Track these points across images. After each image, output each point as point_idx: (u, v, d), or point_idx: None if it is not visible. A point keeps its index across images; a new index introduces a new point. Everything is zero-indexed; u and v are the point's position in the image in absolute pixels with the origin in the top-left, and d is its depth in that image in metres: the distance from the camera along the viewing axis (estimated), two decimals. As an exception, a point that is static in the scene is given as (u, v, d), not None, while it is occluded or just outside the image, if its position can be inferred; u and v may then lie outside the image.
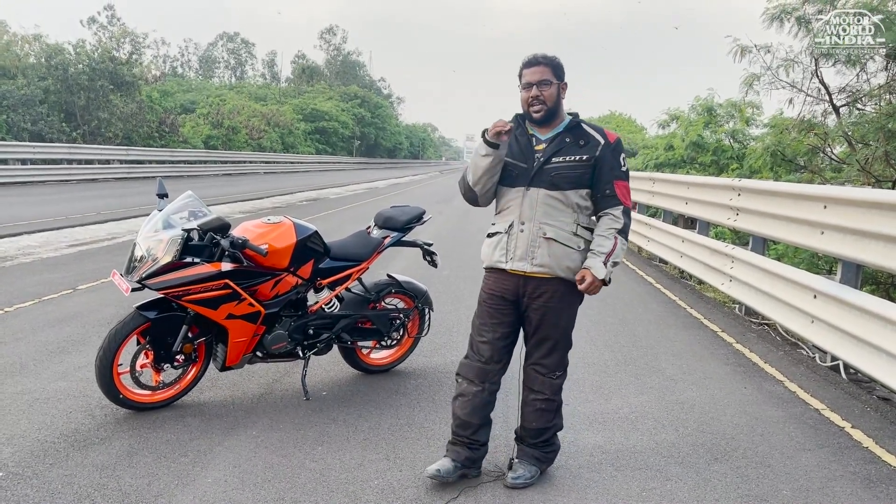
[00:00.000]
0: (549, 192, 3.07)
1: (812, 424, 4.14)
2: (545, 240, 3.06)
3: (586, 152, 3.08)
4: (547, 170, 3.07)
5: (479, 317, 3.29)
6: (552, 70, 3.09)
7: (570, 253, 3.08)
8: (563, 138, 3.11)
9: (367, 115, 78.89)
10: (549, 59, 3.11)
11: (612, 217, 3.10)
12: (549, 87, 3.08)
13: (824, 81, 10.43)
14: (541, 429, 3.27)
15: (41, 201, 17.25)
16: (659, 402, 4.41)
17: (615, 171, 3.10)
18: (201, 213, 3.99)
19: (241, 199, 20.35)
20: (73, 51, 33.55)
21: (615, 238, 3.07)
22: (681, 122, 19.73)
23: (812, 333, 5.29)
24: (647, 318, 6.79)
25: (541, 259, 3.07)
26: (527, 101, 3.11)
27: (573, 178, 3.06)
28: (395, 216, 4.70)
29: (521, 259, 3.10)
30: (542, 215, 3.07)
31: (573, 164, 3.07)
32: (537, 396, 3.24)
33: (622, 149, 3.15)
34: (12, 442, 3.51)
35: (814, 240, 5.50)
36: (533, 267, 3.08)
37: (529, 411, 3.28)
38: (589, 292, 3.09)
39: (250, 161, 44.49)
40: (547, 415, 3.26)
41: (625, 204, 3.11)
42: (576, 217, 3.10)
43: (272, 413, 4.03)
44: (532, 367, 3.26)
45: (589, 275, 3.04)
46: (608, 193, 3.09)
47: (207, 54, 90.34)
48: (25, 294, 6.79)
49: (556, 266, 3.07)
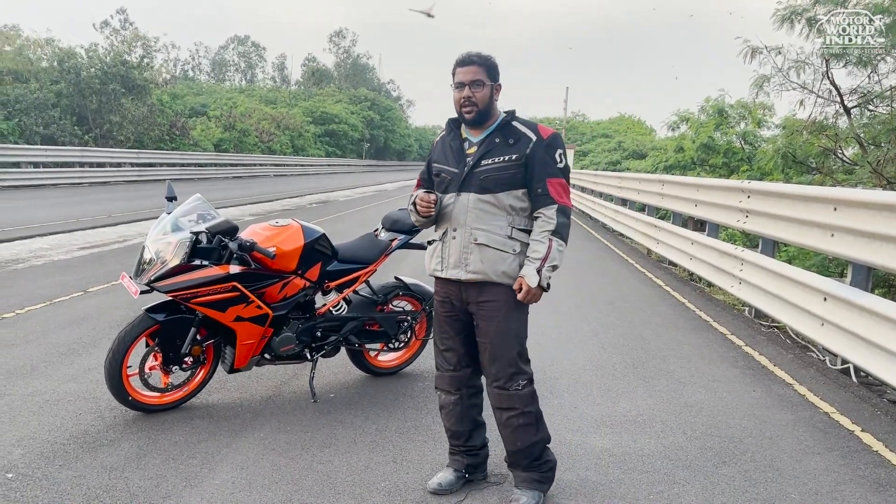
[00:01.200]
0: (479, 196, 2.96)
1: (821, 428, 4.11)
2: (477, 245, 2.96)
3: (516, 151, 2.95)
4: (476, 173, 2.96)
5: (436, 325, 3.24)
6: (486, 70, 2.98)
7: (504, 257, 2.95)
8: (493, 139, 2.99)
9: (376, 118, 79.10)
10: (483, 58, 3.00)
11: (546, 219, 2.94)
12: (481, 88, 2.95)
13: (835, 83, 10.39)
14: (528, 447, 3.06)
15: (53, 204, 17.39)
16: (667, 405, 4.40)
17: (548, 169, 2.94)
18: (210, 215, 4.01)
19: (250, 202, 20.43)
20: (86, 55, 33.79)
21: (549, 240, 2.91)
22: (691, 124, 19.67)
23: (822, 336, 5.26)
24: (655, 320, 6.77)
25: (474, 265, 2.96)
26: (458, 102, 2.98)
27: (503, 180, 2.94)
28: (402, 219, 4.70)
29: (454, 267, 3.02)
30: (473, 220, 2.97)
31: (502, 164, 2.94)
32: (511, 413, 3.03)
33: (559, 145, 3.00)
34: (22, 443, 3.54)
35: (824, 242, 5.47)
36: (467, 274, 2.98)
37: (508, 432, 3.08)
38: (528, 301, 2.96)
39: (260, 164, 44.70)
40: (529, 430, 3.05)
41: (559, 202, 2.94)
42: (510, 220, 2.98)
43: (280, 415, 4.04)
44: (494, 385, 3.06)
45: (524, 283, 2.91)
46: (540, 192, 2.94)
47: (218, 58, 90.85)
48: (37, 296, 6.85)
49: (491, 272, 2.95)
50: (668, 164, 19.08)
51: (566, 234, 2.97)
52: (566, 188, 3.00)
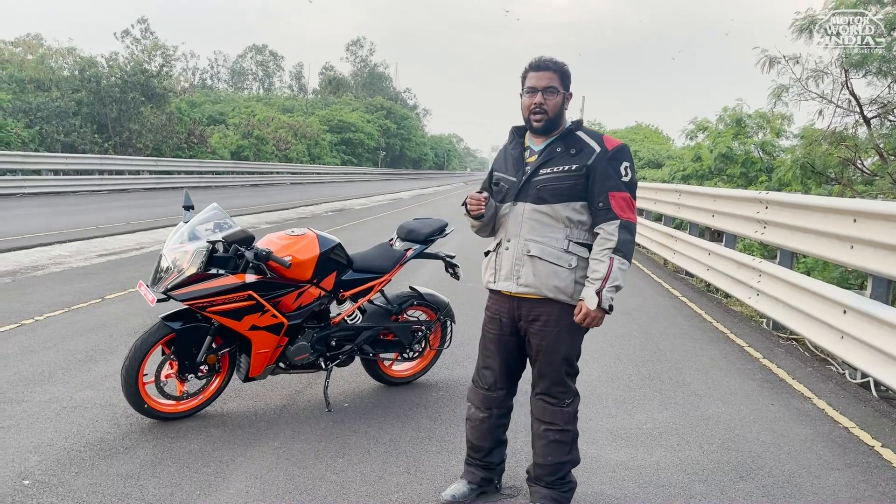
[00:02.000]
0: (535, 206, 2.86)
1: (841, 443, 4.05)
2: (529, 257, 2.86)
3: (577, 161, 2.83)
4: (534, 182, 2.87)
5: (482, 341, 3.17)
6: (560, 77, 2.87)
7: (557, 272, 2.83)
8: (555, 147, 2.89)
9: (392, 127, 79.44)
10: (558, 64, 2.87)
11: (606, 235, 2.80)
12: (554, 95, 2.85)
13: (854, 93, 10.29)
14: (557, 464, 3.00)
15: (73, 211, 17.58)
16: (683, 418, 4.35)
17: (610, 182, 2.80)
18: (226, 224, 4.03)
19: (266, 210, 20.54)
20: (106, 63, 34.21)
21: (610, 259, 2.77)
22: (709, 134, 19.55)
23: (842, 349, 5.19)
24: (672, 331, 6.72)
25: (525, 279, 2.86)
26: (528, 108, 2.88)
27: (561, 191, 2.82)
28: (417, 228, 4.71)
29: (506, 278, 2.93)
30: (527, 231, 2.87)
31: (561, 174, 2.83)
32: (550, 427, 2.98)
33: (625, 157, 2.85)
34: (39, 450, 3.57)
35: (844, 254, 5.41)
36: (518, 287, 2.88)
37: (542, 445, 3.01)
38: (588, 325, 2.83)
39: (277, 172, 44.96)
40: (562, 447, 2.99)
41: (622, 217, 2.80)
42: (567, 232, 2.86)
43: (294, 424, 4.04)
44: (539, 397, 3.02)
45: (583, 306, 2.79)
46: (601, 207, 2.81)
47: (237, 66, 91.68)
48: (56, 303, 6.91)
49: (543, 286, 2.84)
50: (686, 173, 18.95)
51: (629, 251, 2.82)
52: (630, 203, 2.84)
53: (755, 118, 17.97)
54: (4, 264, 9.09)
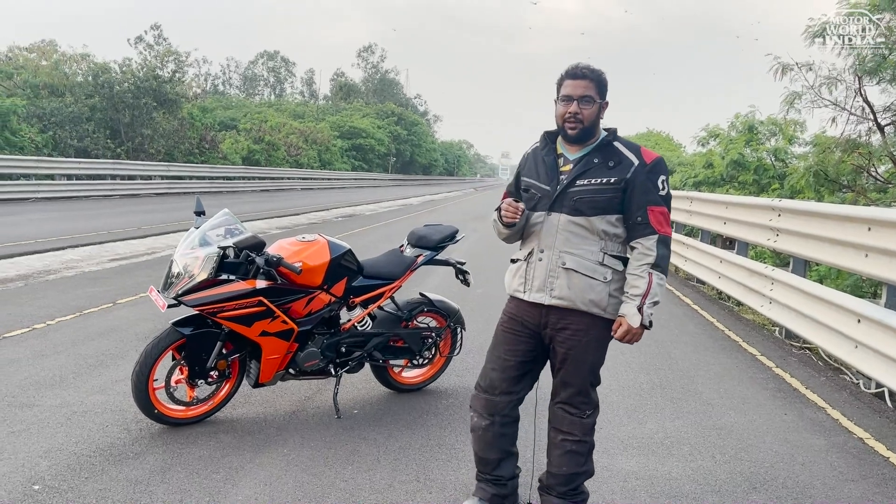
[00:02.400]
0: (571, 217, 2.79)
1: (855, 454, 4.00)
2: (564, 270, 2.80)
3: (615, 174, 2.77)
4: (570, 193, 2.79)
5: (493, 342, 3.08)
6: (597, 86, 2.79)
7: (593, 285, 2.78)
8: (592, 158, 2.82)
9: (402, 133, 79.58)
10: (595, 73, 2.80)
11: (644, 250, 2.77)
12: (590, 105, 2.78)
13: (868, 100, 10.21)
14: (571, 474, 2.95)
15: (85, 216, 17.69)
16: (695, 428, 4.31)
17: (649, 196, 2.76)
18: (237, 230, 4.03)
19: (277, 215, 20.60)
20: (119, 69, 34.48)
21: (649, 275, 2.74)
22: (720, 140, 19.47)
23: (856, 359, 5.14)
24: (683, 339, 6.67)
25: (559, 291, 2.80)
26: (563, 116, 2.81)
27: (599, 203, 2.76)
28: (428, 235, 4.70)
29: (538, 290, 2.85)
30: (562, 243, 2.80)
31: (599, 187, 2.77)
32: (567, 437, 2.94)
33: (662, 171, 2.81)
34: (50, 455, 3.57)
35: (858, 263, 5.36)
36: (552, 299, 2.81)
37: (558, 454, 2.97)
38: (628, 341, 2.79)
39: (287, 177, 45.12)
40: (578, 458, 2.95)
41: (660, 232, 2.76)
42: (602, 245, 2.80)
43: (303, 431, 4.03)
44: (559, 406, 2.97)
45: (625, 322, 2.76)
46: (639, 221, 2.76)
47: (248, 72, 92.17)
48: (67, 307, 6.94)
49: (577, 299, 2.79)
50: (697, 180, 18.86)
51: (666, 266, 2.80)
52: (667, 217, 2.81)
53: (767, 125, 17.88)
54: (17, 268, 9.15)
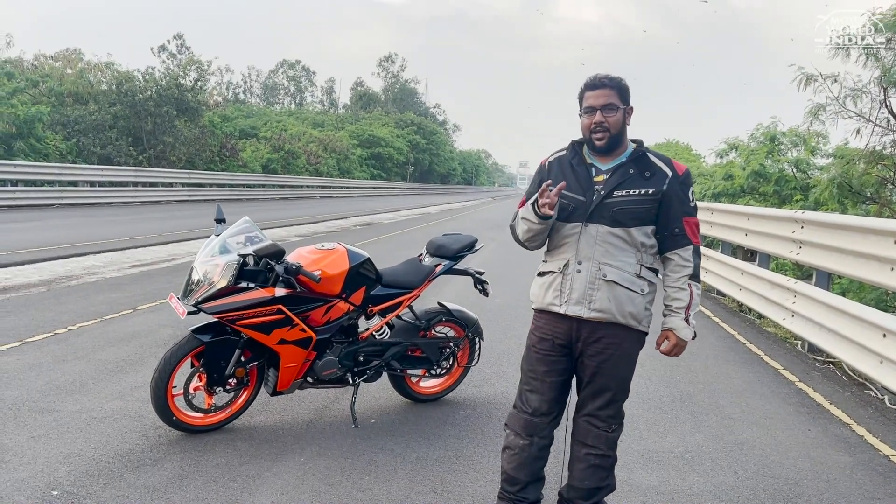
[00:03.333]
0: (611, 229, 2.75)
1: (881, 472, 3.92)
2: (606, 282, 2.75)
3: (652, 185, 2.76)
4: (608, 204, 2.76)
5: (527, 363, 3.02)
6: (618, 93, 2.78)
7: (633, 297, 2.77)
8: (627, 169, 2.79)
9: (421, 142, 79.82)
10: (614, 80, 2.79)
11: (682, 261, 2.80)
12: (614, 112, 2.76)
13: (894, 111, 10.09)
14: (593, 489, 2.94)
15: (107, 222, 17.88)
16: (717, 442, 4.25)
17: (684, 207, 2.79)
18: (257, 238, 4.04)
19: (296, 223, 20.69)
20: (143, 78, 34.90)
21: (689, 286, 2.79)
22: (741, 151, 19.32)
23: (881, 374, 5.04)
24: (704, 352, 6.59)
25: (600, 303, 2.76)
26: (588, 128, 2.79)
27: (638, 214, 2.75)
28: (446, 244, 4.68)
29: (577, 303, 2.79)
30: (602, 255, 2.76)
31: (638, 198, 2.75)
32: (591, 451, 2.91)
33: (691, 181, 2.84)
34: (69, 461, 3.58)
35: (884, 276, 5.28)
36: (591, 312, 2.77)
37: (582, 468, 2.94)
38: (674, 354, 2.85)
39: (307, 185, 45.38)
40: (601, 472, 2.93)
41: (695, 243, 2.81)
42: (639, 257, 2.79)
43: (321, 440, 4.02)
44: (585, 418, 2.94)
45: (673, 336, 2.82)
46: (677, 232, 2.78)
47: (269, 81, 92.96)
48: (89, 313, 7.00)
49: (618, 312, 2.76)
50: (717, 191, 18.71)
51: (700, 275, 2.86)
52: (699, 227, 2.87)
53: (789, 136, 17.72)
54: (40, 274, 9.25)
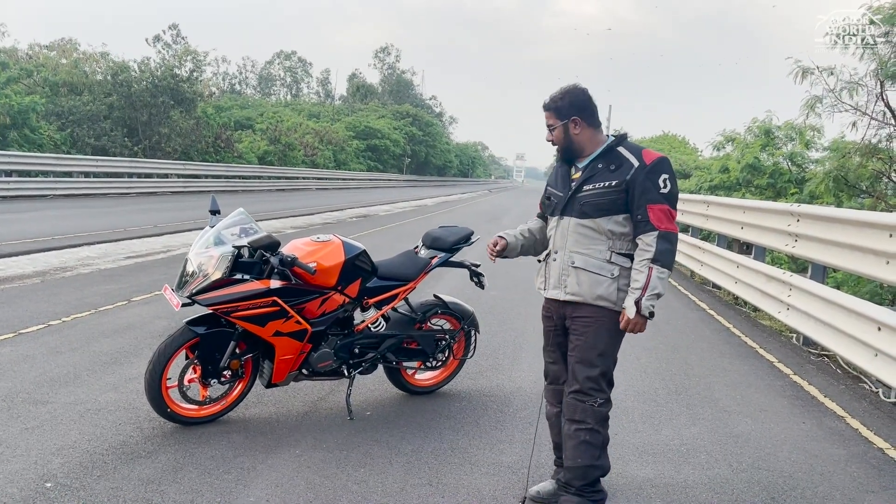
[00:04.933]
0: (579, 220, 3.07)
1: (876, 465, 3.93)
2: (574, 269, 3.07)
3: (616, 177, 3.00)
4: (578, 198, 3.07)
5: (543, 339, 3.38)
6: (555, 113, 3.12)
7: (600, 281, 3.02)
8: (596, 164, 3.08)
9: (418, 134, 79.55)
10: (551, 102, 3.14)
11: (644, 246, 2.96)
12: (553, 130, 3.14)
13: (890, 105, 10.08)
14: (586, 467, 3.04)
15: (102, 213, 17.81)
16: (712, 435, 4.26)
17: (648, 195, 2.95)
18: (252, 230, 4.02)
19: (292, 215, 20.64)
20: (138, 68, 34.68)
21: (649, 269, 2.92)
22: (737, 145, 19.32)
23: (876, 367, 5.05)
24: (699, 345, 6.60)
25: (571, 287, 3.08)
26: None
27: (603, 205, 3.01)
28: (442, 237, 4.67)
29: (554, 287, 3.16)
30: (572, 244, 3.09)
31: (602, 190, 3.02)
32: (580, 426, 3.04)
33: (663, 170, 2.98)
34: (62, 452, 3.57)
35: (879, 269, 5.28)
36: (566, 295, 3.10)
37: (572, 446, 3.07)
38: (631, 331, 3.00)
39: (303, 177, 45.22)
40: (591, 450, 3.04)
41: (660, 228, 2.93)
42: (610, 244, 3.04)
43: (316, 432, 4.02)
44: (572, 395, 3.10)
45: (624, 314, 2.99)
46: (640, 219, 2.97)
47: (265, 72, 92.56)
48: (83, 304, 6.97)
49: (588, 294, 3.04)
50: (713, 184, 18.71)
51: (668, 260, 2.95)
52: (669, 214, 2.98)
53: (785, 129, 17.71)
54: (34, 265, 9.21)
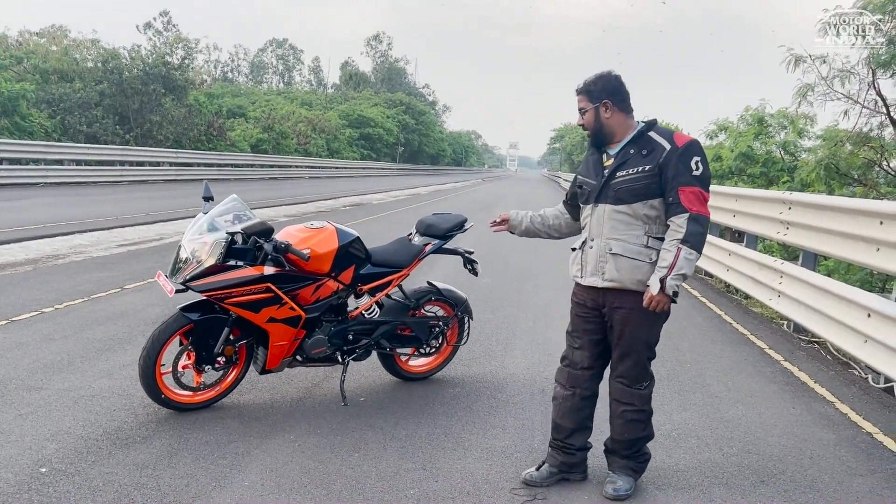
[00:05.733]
0: (614, 207, 3.09)
1: (864, 449, 3.98)
2: (612, 255, 3.09)
3: (649, 162, 3.04)
4: (612, 185, 3.09)
5: (570, 325, 3.39)
6: (586, 96, 3.16)
7: (639, 266, 3.06)
8: (628, 150, 3.11)
9: (411, 122, 79.35)
10: (584, 86, 3.17)
11: (675, 227, 3.00)
12: (585, 114, 3.16)
13: (881, 93, 10.13)
14: (633, 439, 3.26)
15: (94, 201, 17.74)
16: (703, 420, 4.30)
17: (680, 178, 2.98)
18: (245, 216, 4.02)
19: (285, 203, 20.60)
20: (129, 56, 34.43)
21: (677, 249, 2.96)
22: (729, 133, 19.36)
23: (865, 353, 5.10)
24: (691, 332, 6.65)
25: (609, 274, 3.10)
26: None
27: (638, 191, 3.04)
28: (436, 223, 4.68)
29: (592, 275, 3.17)
30: (609, 231, 3.10)
31: (636, 175, 3.05)
32: (627, 408, 3.24)
33: (696, 152, 3.03)
34: (57, 438, 3.58)
35: (869, 257, 5.31)
36: (604, 282, 3.12)
37: (620, 424, 3.27)
38: (654, 309, 3.03)
39: (296, 165, 45.08)
40: (638, 425, 3.25)
41: (691, 210, 2.97)
42: (646, 229, 3.08)
43: (310, 417, 4.03)
44: (618, 380, 3.26)
45: (647, 291, 3.02)
46: (672, 201, 3.01)
47: (257, 60, 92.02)
48: (76, 292, 6.96)
49: (627, 280, 3.07)
50: (706, 172, 18.80)
51: (698, 242, 2.99)
52: (701, 196, 3.01)
53: (777, 118, 17.76)
54: (26, 253, 9.18)
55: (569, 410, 3.32)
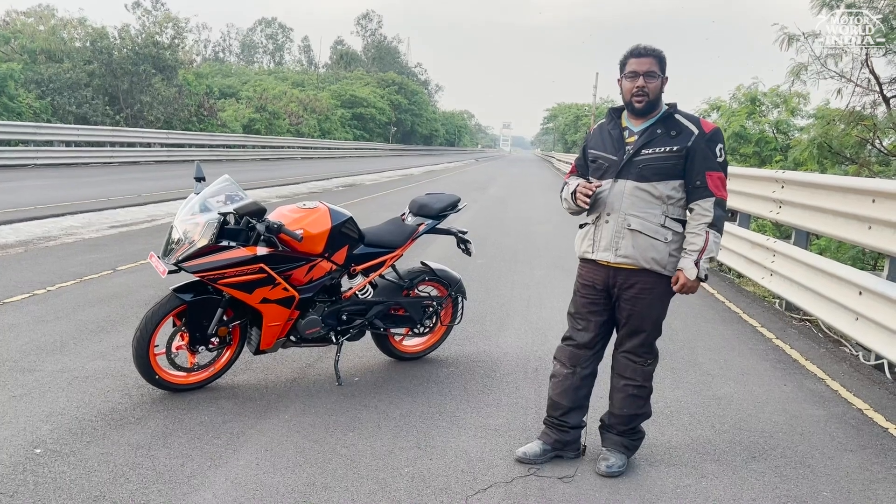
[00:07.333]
0: (637, 183, 3.08)
1: (854, 425, 4.02)
2: (629, 231, 3.09)
3: (678, 143, 3.05)
4: (636, 162, 3.08)
5: (573, 306, 3.39)
6: (659, 63, 3.09)
7: (655, 244, 3.08)
8: (655, 129, 3.10)
9: (403, 102, 78.96)
10: (657, 51, 3.10)
11: (702, 211, 3.05)
12: (654, 79, 3.07)
13: (875, 72, 10.12)
14: (631, 415, 3.31)
15: (84, 183, 17.61)
16: (695, 397, 4.33)
17: (708, 162, 3.04)
18: (238, 196, 4.00)
19: (277, 184, 20.52)
20: (118, 35, 34.03)
21: (706, 233, 3.03)
22: (722, 112, 19.32)
23: (856, 331, 5.14)
24: (683, 310, 6.67)
25: (624, 250, 3.10)
26: (630, 91, 3.08)
27: (663, 170, 3.05)
28: (429, 203, 4.67)
29: (605, 249, 3.15)
30: (628, 206, 3.09)
31: (663, 155, 3.05)
32: (629, 383, 3.29)
33: (720, 139, 3.09)
34: (51, 419, 3.58)
35: (861, 235, 5.34)
36: (617, 258, 3.12)
37: (621, 398, 3.31)
38: (684, 292, 3.11)
39: (288, 146, 44.81)
40: (638, 401, 3.31)
41: (717, 195, 3.04)
42: (664, 209, 3.09)
43: (304, 397, 4.05)
44: (623, 354, 3.31)
45: (682, 276, 3.06)
46: (699, 185, 3.05)
47: (247, 39, 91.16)
48: (67, 273, 6.93)
49: (640, 257, 3.09)
50: (698, 152, 18.77)
51: (722, 226, 3.08)
52: (724, 181, 3.09)
53: (770, 97, 17.72)
54: (17, 235, 9.12)
55: (568, 388, 3.35)
